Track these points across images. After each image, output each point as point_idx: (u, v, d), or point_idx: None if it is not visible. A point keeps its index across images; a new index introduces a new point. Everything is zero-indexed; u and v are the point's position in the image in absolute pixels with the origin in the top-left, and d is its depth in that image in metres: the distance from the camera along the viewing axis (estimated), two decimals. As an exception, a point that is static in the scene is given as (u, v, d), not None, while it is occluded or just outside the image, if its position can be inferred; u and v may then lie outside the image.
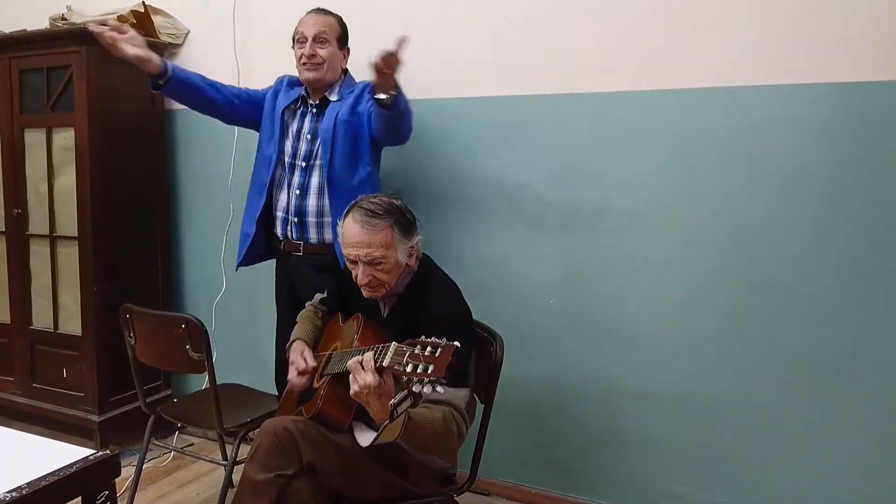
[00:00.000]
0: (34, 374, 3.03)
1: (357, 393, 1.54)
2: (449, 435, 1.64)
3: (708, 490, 2.27)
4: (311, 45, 2.27)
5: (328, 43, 2.29)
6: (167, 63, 2.23)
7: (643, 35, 2.23)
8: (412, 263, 1.83)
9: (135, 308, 2.26)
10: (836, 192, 2.05)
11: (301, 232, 2.32)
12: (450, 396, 1.65)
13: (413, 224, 1.81)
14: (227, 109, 2.39)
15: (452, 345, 1.40)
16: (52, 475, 1.13)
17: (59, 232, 2.89)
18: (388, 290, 1.79)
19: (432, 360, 1.39)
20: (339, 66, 2.34)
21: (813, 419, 2.12)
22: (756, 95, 2.10)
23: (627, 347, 2.34)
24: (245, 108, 2.42)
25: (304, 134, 2.33)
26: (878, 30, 1.96)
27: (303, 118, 2.36)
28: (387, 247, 1.73)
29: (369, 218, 1.74)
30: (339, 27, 2.33)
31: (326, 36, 2.28)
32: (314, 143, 2.31)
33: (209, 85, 2.34)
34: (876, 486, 2.06)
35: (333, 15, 2.35)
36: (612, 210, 2.31)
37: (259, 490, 1.65)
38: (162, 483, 2.69)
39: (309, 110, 2.35)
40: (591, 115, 2.32)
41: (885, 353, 2.02)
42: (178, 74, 2.24)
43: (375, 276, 1.75)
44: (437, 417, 1.62)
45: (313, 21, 2.30)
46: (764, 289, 2.15)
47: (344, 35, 2.35)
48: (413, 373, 1.39)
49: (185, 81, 2.27)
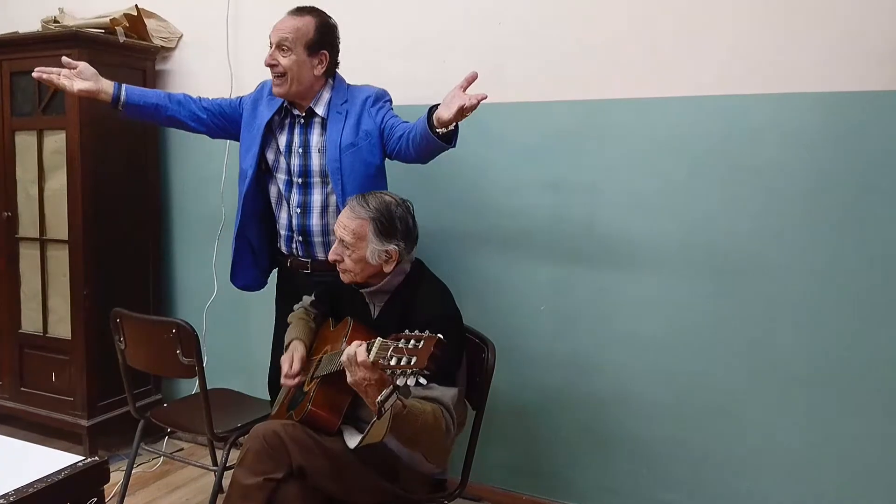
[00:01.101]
0: (23, 378, 3.01)
1: (355, 383, 1.56)
2: (437, 429, 1.64)
3: (697, 496, 2.28)
4: (272, 53, 2.08)
5: (291, 51, 2.06)
6: (119, 90, 2.17)
7: (632, 45, 2.24)
8: (388, 269, 1.83)
9: (125, 312, 2.25)
10: (824, 200, 2.06)
11: (307, 250, 2.22)
12: (439, 394, 1.67)
13: (394, 232, 1.80)
14: (193, 125, 2.29)
15: (435, 336, 1.41)
16: (39, 482, 1.12)
17: (50, 235, 2.88)
18: (354, 279, 1.86)
19: (415, 353, 1.40)
20: (310, 73, 2.10)
21: (804, 425, 2.13)
22: (744, 104, 2.12)
23: (617, 354, 2.34)
24: (218, 121, 2.29)
25: (296, 148, 2.18)
26: (866, 39, 1.98)
27: (291, 131, 2.20)
28: (358, 237, 1.80)
29: (356, 205, 1.83)
30: (312, 31, 2.08)
31: (289, 43, 2.06)
32: (306, 157, 2.17)
33: (174, 103, 2.25)
34: (868, 491, 2.07)
35: (312, 15, 2.12)
36: (602, 217, 2.32)
37: (248, 494, 1.65)
38: (151, 488, 2.68)
39: (296, 122, 2.19)
40: (581, 124, 2.32)
41: (871, 360, 2.04)
42: (131, 100, 2.19)
43: (343, 257, 1.84)
44: (427, 411, 1.63)
45: (280, 25, 2.10)
46: (753, 295, 2.16)
47: (319, 39, 2.10)
48: (397, 365, 1.41)
49: (142, 105, 2.21)
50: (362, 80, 2.28)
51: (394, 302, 1.86)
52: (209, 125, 2.31)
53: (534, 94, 2.38)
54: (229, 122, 2.30)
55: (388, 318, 1.85)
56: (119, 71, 2.31)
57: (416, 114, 2.04)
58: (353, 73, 2.28)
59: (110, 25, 2.79)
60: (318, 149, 2.16)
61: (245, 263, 2.37)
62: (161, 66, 3.05)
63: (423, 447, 1.71)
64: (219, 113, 2.30)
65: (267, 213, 2.32)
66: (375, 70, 2.54)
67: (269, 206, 2.30)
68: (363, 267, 1.82)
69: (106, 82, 2.17)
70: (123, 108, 2.19)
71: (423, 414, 1.61)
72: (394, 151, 2.13)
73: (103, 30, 2.79)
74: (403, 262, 1.85)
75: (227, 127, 2.31)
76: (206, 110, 2.29)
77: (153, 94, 2.28)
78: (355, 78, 2.28)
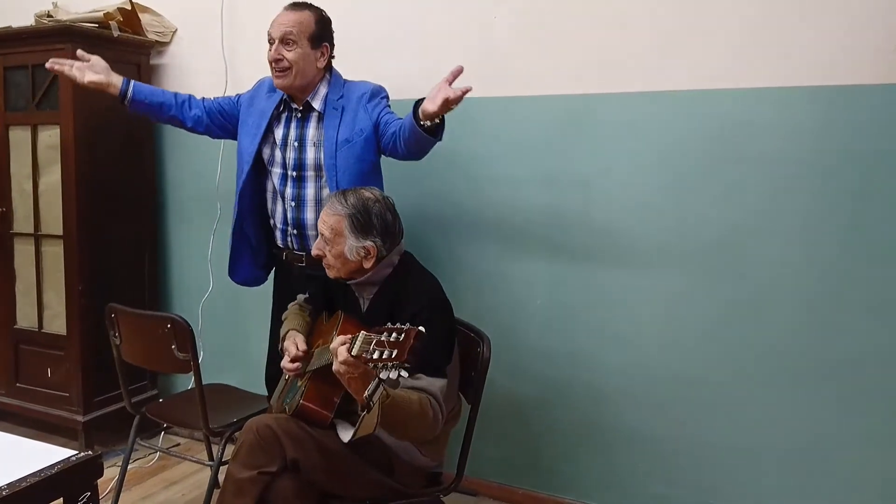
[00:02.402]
0: (18, 374, 3.00)
1: (340, 374, 1.56)
2: (424, 417, 1.65)
3: (694, 491, 2.28)
4: (277, 48, 2.11)
5: (296, 44, 2.10)
6: (128, 85, 2.25)
7: (629, 37, 2.23)
8: (367, 265, 1.83)
9: (120, 307, 2.24)
10: (824, 195, 2.06)
11: (302, 243, 2.23)
12: (427, 384, 1.68)
13: (370, 228, 1.80)
14: (193, 126, 2.35)
15: (415, 329, 1.41)
16: (33, 476, 1.13)
17: (44, 230, 2.87)
18: (338, 275, 1.86)
19: (396, 346, 1.41)
20: (313, 67, 2.15)
21: (801, 421, 2.13)
22: (744, 98, 2.11)
23: (614, 348, 2.34)
24: (218, 121, 2.34)
25: (291, 142, 2.20)
26: (866, 33, 1.97)
27: (287, 124, 2.22)
28: (336, 233, 1.81)
29: (335, 201, 1.84)
30: (313, 24, 2.13)
31: (293, 37, 2.10)
32: (302, 151, 2.18)
33: (178, 103, 2.32)
34: (865, 489, 2.08)
35: (309, 9, 2.16)
36: (599, 212, 2.32)
37: (242, 488, 1.65)
38: (147, 483, 2.68)
39: (293, 115, 2.21)
40: (578, 119, 2.32)
41: (869, 358, 2.04)
42: (137, 97, 2.26)
43: (325, 252, 1.85)
44: (413, 400, 1.64)
45: (281, 20, 2.13)
46: (751, 290, 2.16)
47: (320, 32, 2.15)
48: (379, 359, 1.42)
49: (148, 103, 2.28)
50: (357, 75, 2.28)
51: (382, 294, 1.86)
52: (209, 125, 2.35)
53: (529, 88, 2.38)
54: (229, 121, 2.34)
55: (377, 310, 1.85)
56: (113, 66, 2.29)
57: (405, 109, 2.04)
58: (348, 67, 2.28)
59: (104, 20, 2.78)
60: (314, 143, 2.18)
61: (244, 260, 2.40)
62: (156, 61, 3.04)
63: (409, 436, 1.72)
64: (218, 111, 2.34)
65: (264, 208, 2.33)
66: (370, 65, 2.54)
67: (265, 201, 2.31)
68: (343, 262, 1.83)
69: (116, 77, 2.25)
70: (130, 103, 2.26)
71: (408, 403, 1.62)
72: (387, 148, 2.15)
73: (97, 24, 2.77)
74: (389, 256, 1.85)
75: (227, 125, 2.35)
76: (206, 111, 2.34)
77: (160, 92, 2.34)
78: (350, 72, 2.28)
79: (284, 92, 2.20)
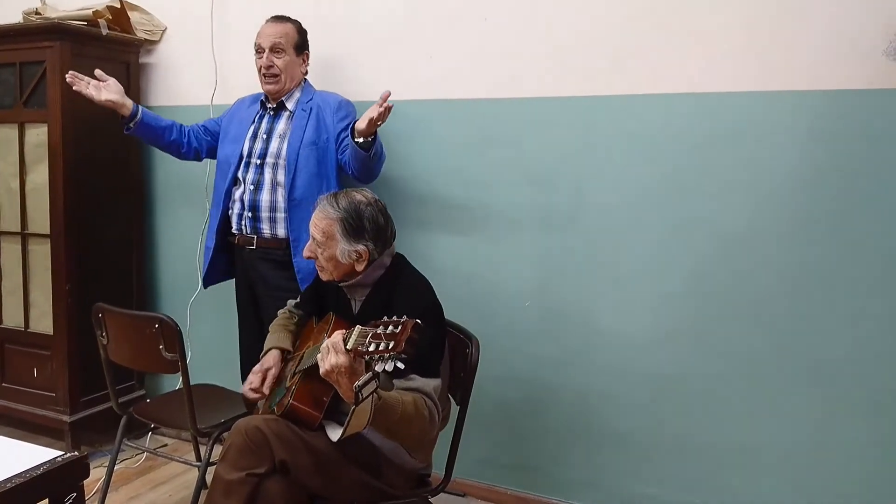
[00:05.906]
0: (4, 374, 2.98)
1: (327, 372, 1.55)
2: (420, 418, 1.64)
3: (682, 491, 2.29)
4: (268, 56, 2.35)
5: (284, 52, 2.36)
6: (138, 109, 2.41)
7: (622, 39, 2.24)
8: (360, 268, 1.83)
9: (107, 307, 2.23)
10: (812, 199, 2.07)
11: (254, 225, 2.39)
12: (421, 384, 1.68)
13: (362, 232, 1.80)
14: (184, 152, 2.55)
15: (413, 321, 1.42)
16: (17, 477, 1.12)
17: (31, 229, 2.85)
18: (331, 277, 1.86)
19: (392, 337, 1.41)
20: (298, 72, 2.42)
21: (791, 419, 2.15)
22: (735, 101, 2.13)
23: (602, 349, 2.35)
24: (206, 140, 2.56)
25: (261, 134, 2.42)
26: (858, 37, 1.99)
27: (260, 121, 2.45)
28: (327, 236, 1.81)
29: (326, 204, 1.84)
30: (296, 34, 2.40)
31: (282, 45, 2.36)
32: (268, 142, 2.39)
33: (177, 131, 2.51)
34: (858, 488, 2.09)
35: (291, 21, 2.41)
36: (588, 213, 2.33)
37: (230, 489, 1.64)
38: (134, 484, 2.66)
39: (266, 112, 2.44)
40: (569, 119, 2.33)
41: (858, 359, 2.05)
42: (146, 120, 2.43)
43: (317, 255, 1.85)
44: (408, 401, 1.63)
45: (269, 31, 2.37)
46: (739, 291, 2.17)
47: (302, 41, 2.42)
48: (375, 351, 1.42)
49: (153, 127, 2.46)
50: (348, 74, 2.32)
51: (374, 296, 1.86)
52: (197, 149, 2.57)
53: (520, 90, 2.38)
54: (214, 139, 2.57)
55: (368, 311, 1.84)
56: (102, 64, 2.29)
57: (402, 109, 2.05)
58: (341, 67, 2.29)
59: (93, 18, 2.76)
60: (280, 135, 2.39)
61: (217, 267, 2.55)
62: (145, 60, 3.02)
63: (404, 438, 1.71)
64: (204, 132, 2.57)
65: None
66: (363, 66, 2.55)
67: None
68: (335, 265, 1.83)
69: (129, 100, 2.41)
70: (136, 125, 2.42)
71: (402, 404, 1.61)
72: (341, 162, 2.35)
73: (86, 22, 2.76)
74: (381, 258, 1.85)
75: (214, 143, 2.58)
76: (195, 134, 2.56)
77: (165, 120, 2.52)
78: (342, 71, 2.29)
79: (270, 96, 2.41)
